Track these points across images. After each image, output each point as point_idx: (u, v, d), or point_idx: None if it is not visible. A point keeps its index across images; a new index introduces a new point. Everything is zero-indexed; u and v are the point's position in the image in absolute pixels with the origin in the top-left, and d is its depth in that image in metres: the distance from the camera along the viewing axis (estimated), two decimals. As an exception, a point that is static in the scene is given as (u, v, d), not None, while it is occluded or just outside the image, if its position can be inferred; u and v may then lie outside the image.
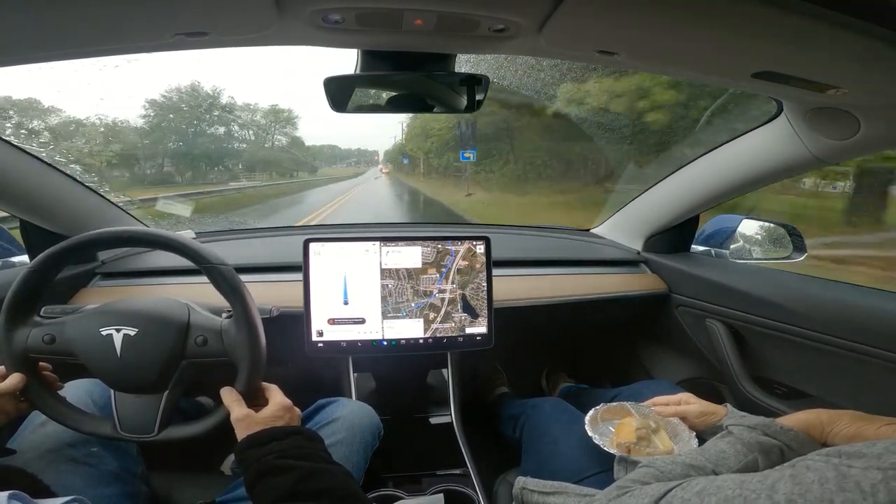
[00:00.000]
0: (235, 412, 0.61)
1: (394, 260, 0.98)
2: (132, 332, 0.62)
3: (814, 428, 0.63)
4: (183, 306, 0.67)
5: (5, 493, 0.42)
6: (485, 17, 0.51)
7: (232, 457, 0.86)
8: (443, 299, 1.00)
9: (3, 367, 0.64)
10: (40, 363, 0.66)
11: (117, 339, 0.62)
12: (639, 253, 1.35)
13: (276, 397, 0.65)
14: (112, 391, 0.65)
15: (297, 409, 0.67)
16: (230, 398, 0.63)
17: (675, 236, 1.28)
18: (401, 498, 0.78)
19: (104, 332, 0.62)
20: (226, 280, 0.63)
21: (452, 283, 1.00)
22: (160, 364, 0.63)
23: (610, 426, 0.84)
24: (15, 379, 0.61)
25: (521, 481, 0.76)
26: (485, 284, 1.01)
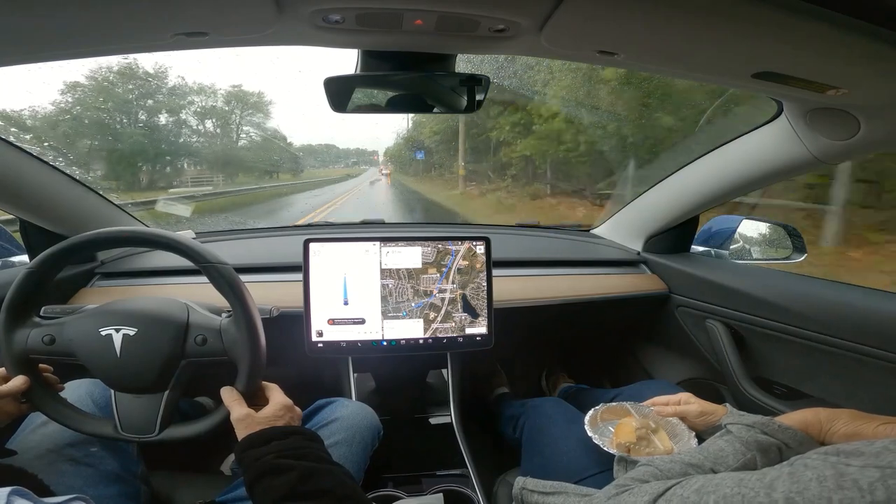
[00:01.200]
0: (235, 412, 0.61)
1: (394, 260, 0.98)
2: (132, 331, 0.62)
3: (812, 426, 0.63)
4: (182, 306, 0.67)
5: (6, 489, 0.42)
6: (485, 17, 0.51)
7: (232, 457, 0.86)
8: (443, 299, 1.00)
9: (3, 369, 0.64)
10: (41, 365, 0.66)
11: (117, 339, 0.62)
12: (639, 253, 1.35)
13: (277, 397, 0.65)
14: (112, 391, 0.65)
15: (298, 409, 0.66)
16: (230, 398, 0.63)
17: (674, 237, 1.28)
18: (400, 498, 0.78)
19: (104, 332, 0.62)
20: (225, 280, 0.63)
21: (453, 282, 1.00)
22: (160, 364, 0.63)
23: (609, 426, 0.84)
24: (18, 381, 0.62)
25: (521, 481, 0.76)
26: (485, 284, 1.01)
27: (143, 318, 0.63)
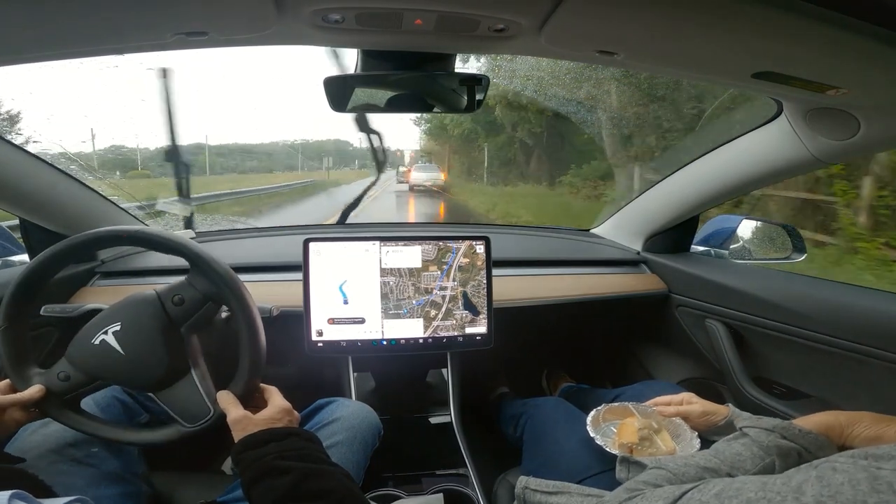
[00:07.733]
0: (232, 414, 0.61)
1: (394, 260, 0.98)
2: (117, 326, 0.62)
3: (832, 430, 0.61)
4: (149, 289, 0.67)
5: (7, 493, 0.42)
6: (485, 17, 0.51)
7: (232, 457, 0.86)
8: (444, 296, 1.00)
9: (7, 380, 0.64)
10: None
11: (110, 339, 0.62)
12: (638, 253, 1.35)
13: (275, 399, 0.65)
14: (152, 395, 0.64)
15: (296, 413, 0.66)
16: (226, 400, 0.62)
17: (674, 236, 1.28)
18: (400, 497, 0.78)
19: (96, 340, 0.62)
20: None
21: (454, 279, 1.00)
22: (162, 341, 0.63)
23: (612, 426, 0.84)
24: (33, 390, 0.62)
25: (524, 481, 0.76)
26: (485, 282, 1.01)
27: (119, 310, 0.64)
